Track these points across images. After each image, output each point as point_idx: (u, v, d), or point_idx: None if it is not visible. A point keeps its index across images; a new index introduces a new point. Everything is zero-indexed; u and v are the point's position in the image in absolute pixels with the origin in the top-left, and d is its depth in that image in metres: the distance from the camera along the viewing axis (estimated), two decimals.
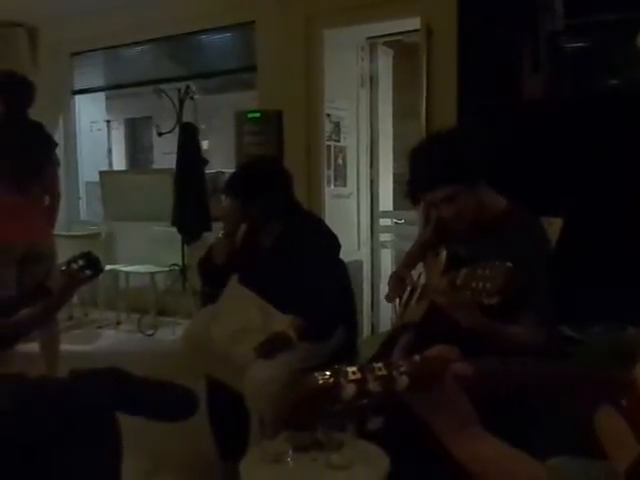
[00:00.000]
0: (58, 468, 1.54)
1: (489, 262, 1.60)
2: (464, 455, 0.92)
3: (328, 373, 0.87)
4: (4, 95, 3.62)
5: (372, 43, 4.57)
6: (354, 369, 0.88)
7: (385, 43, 4.60)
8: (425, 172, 1.90)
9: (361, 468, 1.67)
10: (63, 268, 1.88)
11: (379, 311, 4.61)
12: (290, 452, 1.77)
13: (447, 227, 2.07)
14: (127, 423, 1.76)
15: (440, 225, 2.13)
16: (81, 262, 1.86)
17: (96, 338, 4.97)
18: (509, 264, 1.57)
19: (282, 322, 2.48)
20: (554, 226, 2.28)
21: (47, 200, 3.68)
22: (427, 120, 3.87)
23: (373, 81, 4.63)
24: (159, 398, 1.81)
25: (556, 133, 3.13)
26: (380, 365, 0.89)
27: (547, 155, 3.13)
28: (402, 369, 0.89)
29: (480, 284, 1.58)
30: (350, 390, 0.86)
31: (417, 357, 0.94)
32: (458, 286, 1.66)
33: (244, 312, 2.52)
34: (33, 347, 4.26)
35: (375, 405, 0.91)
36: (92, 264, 1.89)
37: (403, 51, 4.65)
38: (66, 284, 1.83)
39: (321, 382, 0.86)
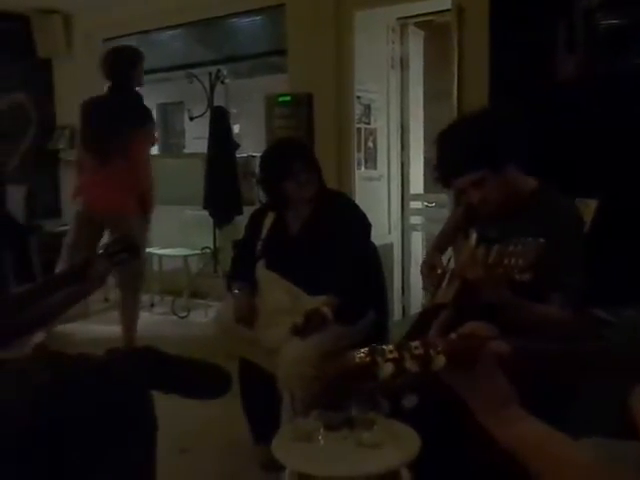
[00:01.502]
0: (94, 444, 1.58)
1: (521, 239, 1.60)
2: (504, 435, 0.91)
3: (365, 352, 0.88)
4: (107, 69, 3.82)
5: (403, 24, 4.52)
6: (391, 348, 0.88)
7: (416, 24, 4.55)
8: (452, 158, 1.89)
9: (392, 447, 1.69)
10: (100, 251, 1.92)
11: (410, 294, 4.61)
12: (321, 430, 1.79)
13: (477, 210, 2.06)
14: (162, 402, 1.81)
15: (470, 208, 2.12)
16: (118, 246, 1.89)
17: None
18: (541, 240, 1.56)
19: (311, 304, 2.50)
20: (589, 207, 2.24)
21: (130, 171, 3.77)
22: (458, 102, 3.83)
23: (404, 63, 4.58)
24: (192, 376, 1.84)
25: (591, 113, 3.07)
26: (417, 344, 0.89)
27: (582, 136, 3.08)
28: (439, 348, 0.90)
29: (512, 260, 1.58)
30: (387, 369, 0.87)
31: (453, 335, 0.94)
32: (490, 264, 1.66)
33: (273, 295, 2.54)
34: (69, 327, 4.39)
35: (411, 383, 0.92)
36: (129, 248, 1.91)
37: (434, 32, 4.59)
38: (103, 267, 1.86)
39: (358, 361, 0.87)
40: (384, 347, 0.88)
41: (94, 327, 4.76)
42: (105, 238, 3.85)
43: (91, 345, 3.71)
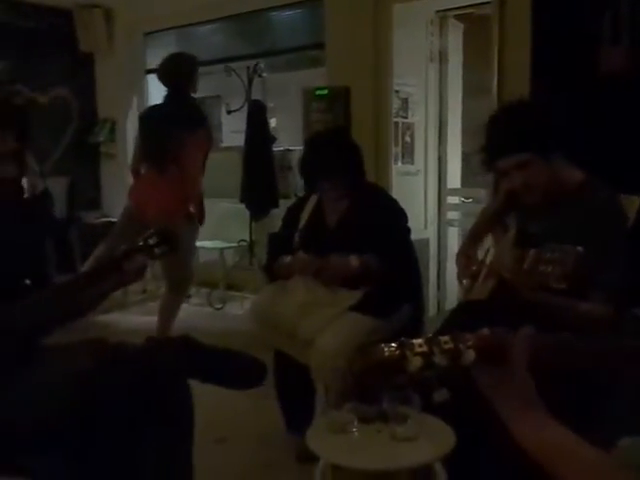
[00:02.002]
0: (134, 428, 1.61)
1: (558, 245, 1.56)
2: (527, 437, 0.90)
3: (394, 345, 0.88)
4: (167, 77, 3.88)
5: (442, 17, 4.47)
6: (420, 342, 0.88)
7: (456, 16, 4.50)
8: (500, 138, 1.89)
9: (426, 441, 1.68)
10: (139, 244, 1.94)
11: (445, 289, 4.58)
12: (355, 423, 1.79)
13: (517, 199, 2.03)
14: (199, 393, 1.83)
15: (510, 196, 2.09)
16: (156, 238, 1.90)
17: None
18: (579, 249, 1.52)
19: (346, 297, 2.51)
20: (633, 204, 2.19)
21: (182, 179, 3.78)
22: (498, 96, 3.78)
23: (443, 56, 4.54)
24: (228, 366, 1.86)
25: (636, 107, 3.00)
26: (447, 338, 0.89)
27: (627, 130, 3.01)
28: (469, 342, 0.89)
29: (549, 268, 1.55)
30: (416, 362, 0.86)
31: (485, 330, 0.93)
32: (526, 269, 1.63)
33: (309, 287, 2.55)
34: (108, 318, 4.47)
35: (441, 377, 0.91)
36: (167, 240, 1.92)
37: (474, 24, 4.53)
38: (140, 259, 1.88)
39: (387, 353, 0.87)
40: (413, 341, 0.88)
41: (132, 318, 4.85)
42: None
43: (129, 335, 3.77)
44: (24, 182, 2.63)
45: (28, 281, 1.77)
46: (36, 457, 1.60)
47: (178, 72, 3.90)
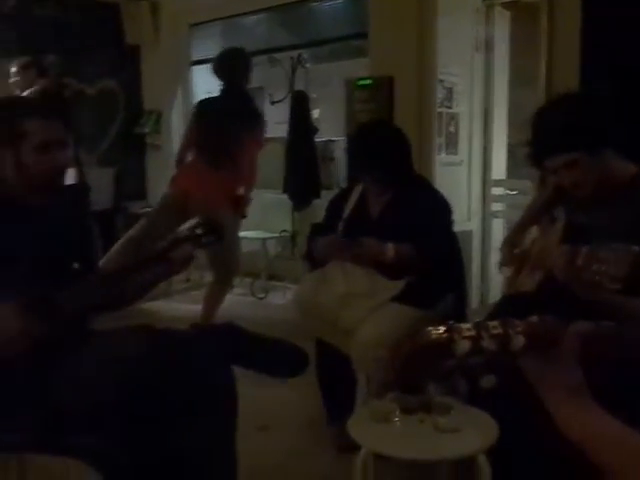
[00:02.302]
0: (182, 412, 1.64)
1: (614, 244, 1.51)
2: (573, 426, 0.88)
3: (442, 328, 0.87)
4: (219, 71, 3.96)
5: (489, 5, 4.39)
6: (468, 326, 0.88)
7: (502, 4, 4.41)
8: (548, 136, 1.83)
9: (469, 432, 1.67)
10: (186, 233, 1.97)
11: (488, 282, 4.52)
12: (397, 412, 1.79)
13: (566, 193, 1.98)
14: (243, 382, 1.85)
15: (559, 191, 2.05)
16: (203, 228, 1.93)
17: None
18: (636, 248, 1.47)
19: (388, 288, 2.50)
20: None
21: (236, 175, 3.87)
22: (546, 87, 3.70)
23: (489, 45, 4.46)
24: (271, 354, 1.88)
25: None
26: (496, 323, 0.88)
27: None
28: (518, 328, 0.88)
29: (603, 267, 1.50)
30: (464, 346, 0.86)
31: (535, 318, 0.92)
32: (578, 266, 1.59)
33: (350, 277, 2.55)
34: (153, 305, 4.56)
35: (489, 363, 0.90)
36: (213, 230, 1.94)
37: (522, 13, 4.43)
38: (187, 249, 1.90)
39: (435, 337, 0.87)
40: (462, 325, 0.87)
41: (176, 305, 4.93)
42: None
43: (173, 322, 3.82)
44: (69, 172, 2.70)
45: (77, 265, 1.80)
46: (85, 438, 1.64)
47: (235, 66, 3.97)
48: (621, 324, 1.08)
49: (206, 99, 4.21)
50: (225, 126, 3.83)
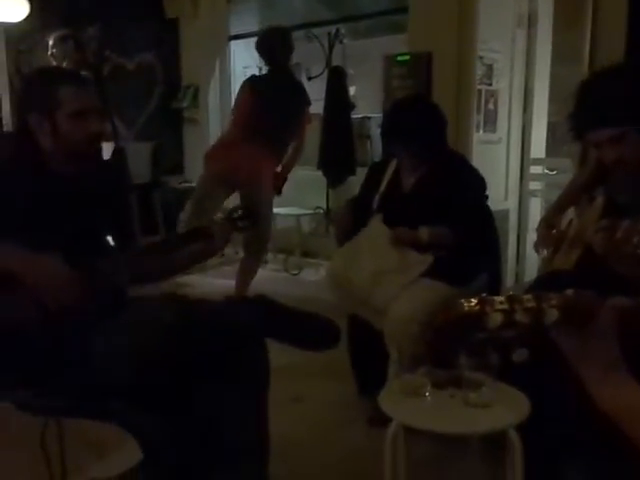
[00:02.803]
0: (215, 383, 1.67)
1: None
2: (607, 400, 0.88)
3: (475, 300, 0.87)
4: (265, 50, 4.04)
5: None
6: (502, 299, 0.87)
7: None
8: (593, 108, 1.77)
9: (500, 408, 1.67)
10: (224, 216, 2.00)
11: (524, 262, 4.46)
12: (428, 387, 1.80)
13: (607, 170, 1.94)
14: (276, 355, 1.88)
15: (600, 168, 2.00)
16: (240, 212, 1.97)
17: None
18: None
19: (419, 262, 2.49)
20: None
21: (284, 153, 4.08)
22: (590, 64, 3.60)
23: (531, 21, 4.35)
24: (303, 326, 1.89)
25: None
26: (529, 297, 0.87)
27: None
28: (553, 302, 0.87)
29: None
30: (496, 318, 0.85)
31: (570, 291, 0.90)
32: (617, 239, 1.56)
33: (380, 252, 2.54)
34: (187, 279, 4.62)
35: (522, 337, 0.90)
36: (249, 215, 1.99)
37: None
38: (225, 231, 1.93)
39: (467, 308, 0.86)
40: (494, 298, 0.87)
41: (210, 280, 4.99)
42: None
43: (207, 296, 3.89)
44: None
45: (112, 236, 1.84)
46: (122, 405, 1.68)
47: (280, 46, 4.02)
48: None
49: (257, 77, 4.27)
50: (281, 104, 3.94)
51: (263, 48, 4.07)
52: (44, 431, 1.59)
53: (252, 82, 4.11)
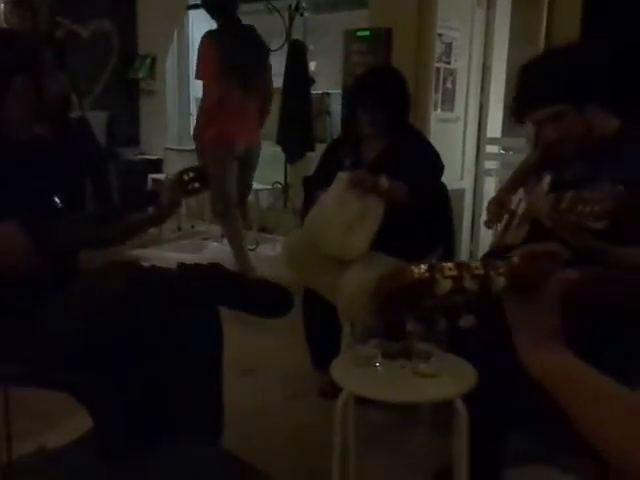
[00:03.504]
0: (166, 350, 1.67)
1: (597, 185, 1.53)
2: (534, 365, 0.89)
3: (424, 267, 0.88)
4: (209, 3, 4.09)
5: None
6: (450, 266, 0.88)
7: None
8: (532, 89, 1.82)
9: (448, 378, 1.70)
10: (173, 179, 1.97)
11: (479, 240, 4.54)
12: (379, 358, 1.82)
13: (554, 151, 1.98)
14: (229, 327, 1.87)
15: (547, 150, 2.05)
16: (191, 174, 1.93)
17: (201, 248, 5.22)
18: (620, 186, 1.49)
19: (380, 205, 2.50)
20: None
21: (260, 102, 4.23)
22: (546, 45, 3.66)
23: (490, 1, 4.39)
24: (256, 293, 1.89)
25: None
26: (478, 264, 0.89)
27: None
28: (500, 270, 0.89)
29: (587, 208, 1.52)
30: (445, 285, 0.86)
31: (516, 259, 0.92)
32: (563, 209, 1.60)
33: (345, 202, 2.53)
34: (143, 252, 4.57)
35: (469, 303, 0.91)
36: (200, 178, 1.95)
37: None
38: (175, 193, 1.91)
39: (417, 275, 0.87)
40: (444, 264, 0.88)
41: (167, 254, 4.94)
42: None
43: None
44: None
45: (62, 201, 1.81)
46: (72, 374, 1.66)
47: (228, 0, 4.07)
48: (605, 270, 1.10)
49: (214, 31, 4.17)
50: (249, 50, 4.08)
51: (211, 3, 4.10)
52: None
53: (213, 37, 4.08)
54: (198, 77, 4.17)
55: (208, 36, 4.07)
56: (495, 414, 1.63)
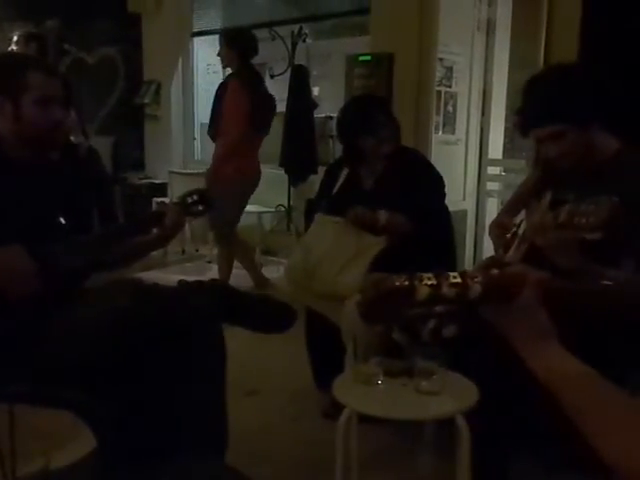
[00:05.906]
0: (169, 366, 1.68)
1: (594, 197, 1.56)
2: (538, 367, 0.91)
3: (404, 276, 0.92)
4: (237, 47, 4.20)
5: None
6: (429, 275, 0.92)
7: None
8: (536, 106, 1.86)
9: (449, 396, 1.72)
10: (177, 201, 2.00)
11: (481, 261, 4.55)
12: (381, 376, 1.84)
13: (553, 171, 2.01)
14: (232, 346, 1.89)
15: (547, 168, 2.08)
16: (194, 197, 1.96)
17: (205, 270, 5.24)
18: (615, 199, 1.52)
19: (376, 243, 2.52)
20: None
21: None
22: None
23: (490, 26, 4.45)
24: (259, 310, 1.91)
25: None
26: (455, 273, 0.93)
27: None
28: (477, 279, 0.92)
29: (583, 219, 1.55)
30: (423, 292, 0.90)
31: (495, 271, 0.96)
32: (560, 224, 1.63)
33: (339, 241, 2.56)
34: (148, 275, 4.59)
35: (451, 313, 0.95)
36: (204, 200, 1.98)
37: None
38: (178, 216, 1.94)
39: (397, 284, 0.91)
40: (423, 274, 0.92)
41: (171, 276, 4.94)
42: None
43: None
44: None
45: (69, 224, 1.83)
46: (75, 392, 1.68)
47: (254, 46, 4.26)
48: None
49: (239, 74, 4.26)
50: (269, 98, 4.36)
51: (239, 44, 4.21)
52: None
53: (241, 80, 4.18)
54: (221, 116, 4.25)
55: (238, 80, 4.20)
56: (497, 431, 1.64)
